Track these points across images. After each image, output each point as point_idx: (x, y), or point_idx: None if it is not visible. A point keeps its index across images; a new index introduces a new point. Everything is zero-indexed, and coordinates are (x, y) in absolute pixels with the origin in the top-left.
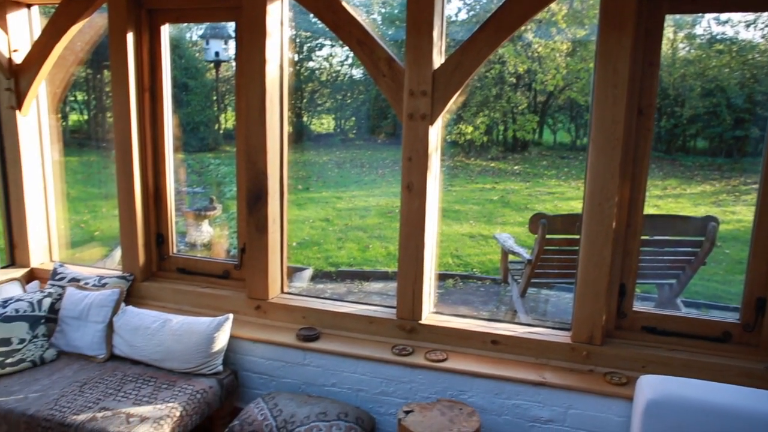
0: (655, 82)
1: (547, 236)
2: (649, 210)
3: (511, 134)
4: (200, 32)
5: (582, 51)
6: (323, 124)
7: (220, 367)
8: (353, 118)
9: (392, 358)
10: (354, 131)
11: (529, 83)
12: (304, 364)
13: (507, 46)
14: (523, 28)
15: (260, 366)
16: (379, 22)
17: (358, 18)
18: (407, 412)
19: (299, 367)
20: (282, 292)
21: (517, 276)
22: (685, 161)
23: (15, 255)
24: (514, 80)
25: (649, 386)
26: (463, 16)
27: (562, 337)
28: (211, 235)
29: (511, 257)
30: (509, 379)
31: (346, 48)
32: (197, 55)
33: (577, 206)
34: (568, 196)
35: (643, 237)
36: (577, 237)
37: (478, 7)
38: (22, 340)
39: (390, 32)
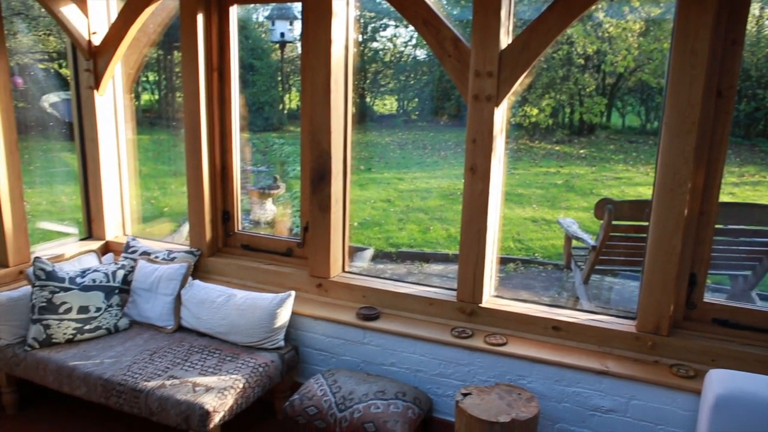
0: (738, 62)
1: (614, 222)
2: (724, 198)
3: (578, 117)
4: (266, 13)
5: (656, 30)
6: (386, 105)
7: (282, 343)
8: (416, 99)
9: (451, 340)
10: (417, 112)
11: (598, 64)
12: (364, 343)
13: (576, 26)
14: (594, 7)
15: (320, 343)
16: (444, 2)
17: None
18: (465, 395)
19: (359, 345)
20: (343, 271)
21: (580, 262)
22: (765, 147)
23: (92, 228)
24: (582, 61)
25: (719, 381)
26: None
27: (627, 326)
28: (275, 214)
29: (574, 243)
30: (570, 367)
31: (411, 28)
32: (263, 35)
33: (645, 192)
34: (635, 182)
35: (717, 226)
36: (646, 224)
37: None
38: (98, 309)
39: (455, 12)
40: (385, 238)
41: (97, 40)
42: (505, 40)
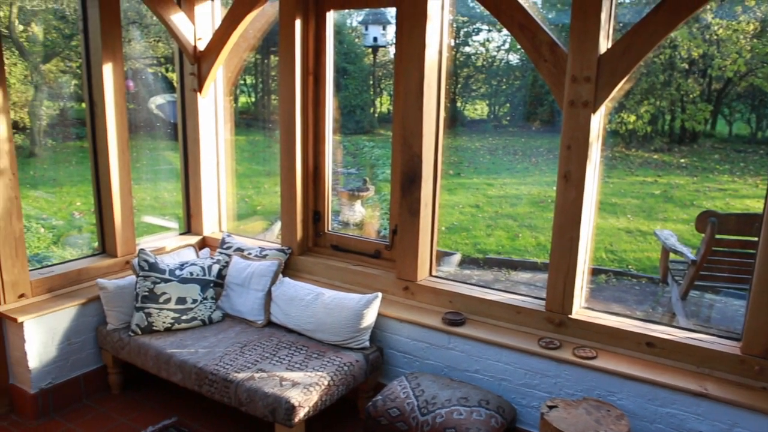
0: None
1: (717, 236)
2: None
3: (679, 124)
4: (360, 18)
5: None
6: (477, 109)
7: (367, 343)
8: (507, 105)
9: (538, 350)
10: (508, 118)
11: (703, 69)
12: (449, 348)
13: (681, 29)
14: (702, 8)
15: (405, 345)
16: (539, 6)
17: (521, 2)
18: (551, 407)
19: (443, 350)
20: (430, 275)
21: (678, 277)
22: None
23: (191, 223)
24: (686, 66)
25: None
26: None
27: (730, 347)
28: (363, 215)
29: (672, 256)
30: (665, 386)
31: (504, 33)
32: (356, 40)
33: (753, 205)
34: (742, 194)
35: None
36: (755, 239)
37: None
38: (194, 300)
39: (551, 15)
40: (473, 244)
41: (201, 46)
42: (605, 44)
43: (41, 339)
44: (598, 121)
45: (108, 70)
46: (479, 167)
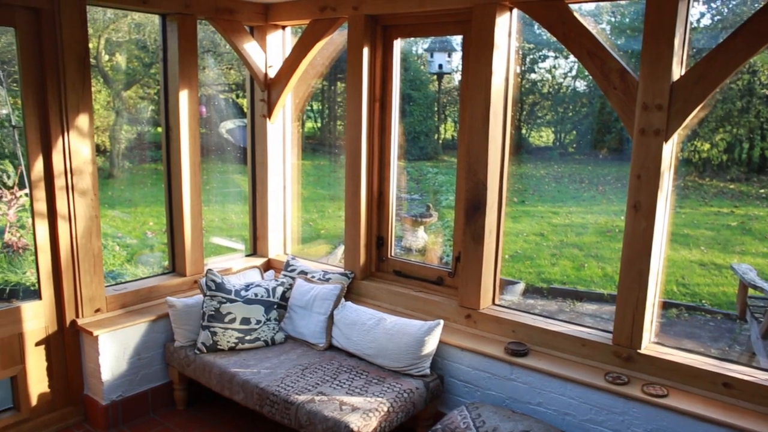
0: None
1: None
2: None
3: (758, 153)
4: (425, 46)
5: None
6: (542, 137)
7: (428, 371)
8: (574, 132)
9: (605, 385)
10: (574, 145)
11: None
12: (511, 379)
13: (762, 53)
14: None
15: (466, 374)
16: (608, 32)
17: (590, 29)
18: None
19: (505, 381)
20: (493, 303)
21: (758, 314)
22: None
23: (257, 245)
24: (766, 92)
25: None
26: (706, 21)
27: None
28: (426, 241)
29: (751, 292)
30: (744, 431)
31: (571, 59)
32: (421, 67)
33: None
34: None
35: None
36: None
37: (726, 11)
38: (258, 321)
39: (619, 42)
40: (537, 273)
41: (272, 73)
42: (678, 70)
43: (114, 353)
44: (670, 150)
45: (184, 97)
46: (544, 195)
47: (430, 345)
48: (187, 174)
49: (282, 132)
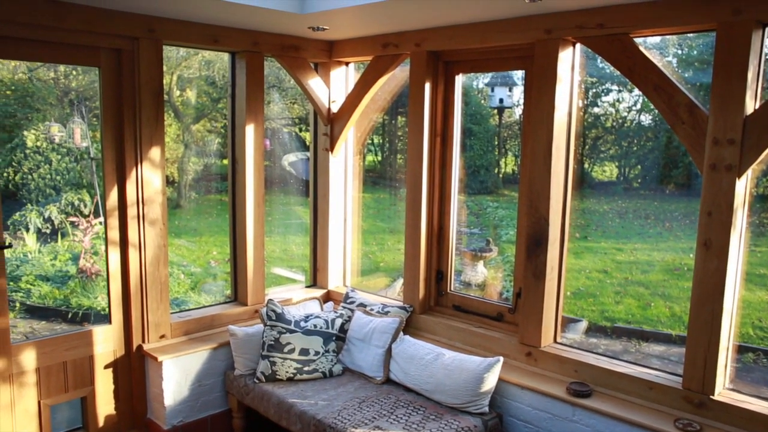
0: None
1: None
2: None
3: None
4: (486, 80)
5: None
6: (605, 171)
7: (486, 408)
8: (639, 166)
9: None
10: (639, 180)
11: None
12: (573, 420)
13: None
14: None
15: (526, 414)
16: (675, 65)
17: (656, 62)
18: None
19: (567, 422)
20: (554, 341)
21: None
22: None
23: (317, 277)
24: None
25: None
26: None
27: None
28: (485, 276)
29: None
30: None
31: (636, 92)
32: (482, 101)
33: None
34: None
35: None
36: None
37: None
38: (317, 353)
39: (687, 75)
40: (600, 311)
41: (335, 108)
42: (751, 104)
43: (176, 378)
44: (743, 186)
45: (250, 131)
46: (608, 231)
47: (490, 382)
48: (251, 205)
49: (344, 165)
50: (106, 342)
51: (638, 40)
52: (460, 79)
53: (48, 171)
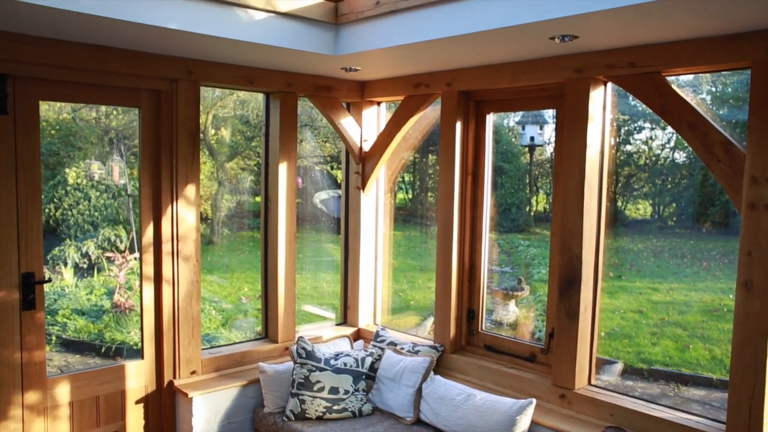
0: None
1: None
2: None
3: None
4: (517, 118)
5: None
6: (639, 209)
7: None
8: (673, 204)
9: None
10: (674, 218)
11: None
12: None
13: None
14: None
15: None
16: (709, 102)
17: (689, 100)
18: None
19: None
20: (589, 383)
21: None
22: None
23: (347, 315)
24: None
25: None
26: None
27: None
28: (517, 316)
29: None
30: None
31: (669, 130)
32: (513, 140)
33: None
34: None
35: None
36: None
37: None
38: (346, 391)
39: (722, 112)
40: (636, 353)
41: (366, 147)
42: None
43: (206, 415)
44: None
45: (283, 169)
46: (642, 270)
47: (522, 425)
48: (282, 243)
49: (375, 203)
50: (138, 377)
51: (670, 78)
52: (491, 118)
53: (87, 207)
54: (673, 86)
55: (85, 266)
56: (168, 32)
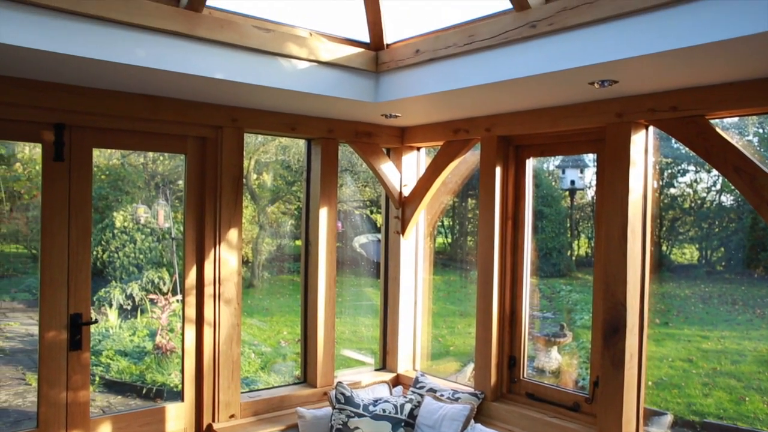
0: None
1: None
2: None
3: None
4: (557, 162)
5: None
6: (685, 254)
7: None
8: (722, 249)
9: None
10: (723, 263)
11: None
12: None
13: None
14: None
15: None
16: (756, 144)
17: (735, 143)
18: None
19: None
20: None
21: None
22: None
23: (386, 360)
24: None
25: None
26: None
27: None
28: (560, 363)
29: None
30: None
31: (714, 173)
32: (553, 183)
33: None
34: None
35: None
36: None
37: None
38: None
39: None
40: (686, 404)
41: (406, 192)
42: None
43: None
44: None
45: (323, 213)
46: (690, 317)
47: None
48: (322, 286)
49: (414, 247)
50: (177, 419)
51: (714, 121)
52: (530, 163)
53: (132, 250)
54: (718, 129)
55: (129, 308)
56: (215, 82)
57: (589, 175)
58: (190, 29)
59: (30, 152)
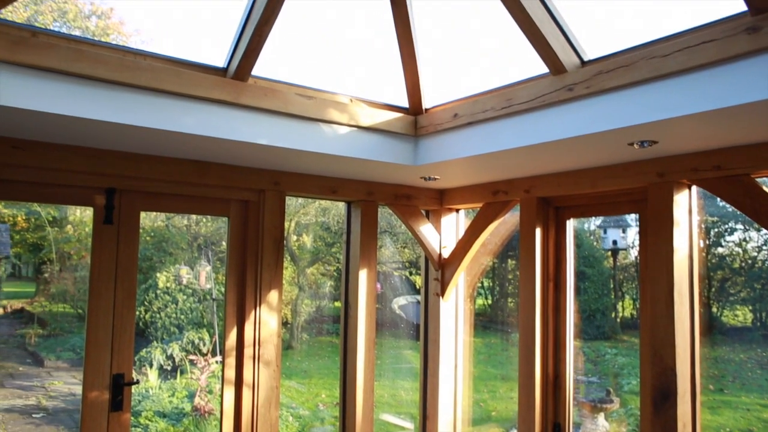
0: None
1: None
2: None
3: None
4: (598, 222)
5: None
6: (738, 316)
7: None
8: None
9: None
10: None
11: None
12: None
13: None
14: None
15: None
16: None
17: None
18: None
19: None
20: None
21: None
22: None
23: (426, 425)
24: None
25: None
26: None
27: None
28: (607, 430)
29: None
30: None
31: (764, 231)
32: (595, 243)
33: None
34: None
35: None
36: None
37: None
38: None
39: None
40: None
41: (446, 253)
42: None
43: None
44: None
45: (363, 275)
46: (748, 383)
47: None
48: (362, 349)
49: (454, 310)
50: None
51: (761, 180)
52: (571, 224)
53: (174, 310)
54: (764, 188)
55: (169, 368)
56: (259, 147)
57: (632, 235)
58: (235, 98)
59: (80, 215)
